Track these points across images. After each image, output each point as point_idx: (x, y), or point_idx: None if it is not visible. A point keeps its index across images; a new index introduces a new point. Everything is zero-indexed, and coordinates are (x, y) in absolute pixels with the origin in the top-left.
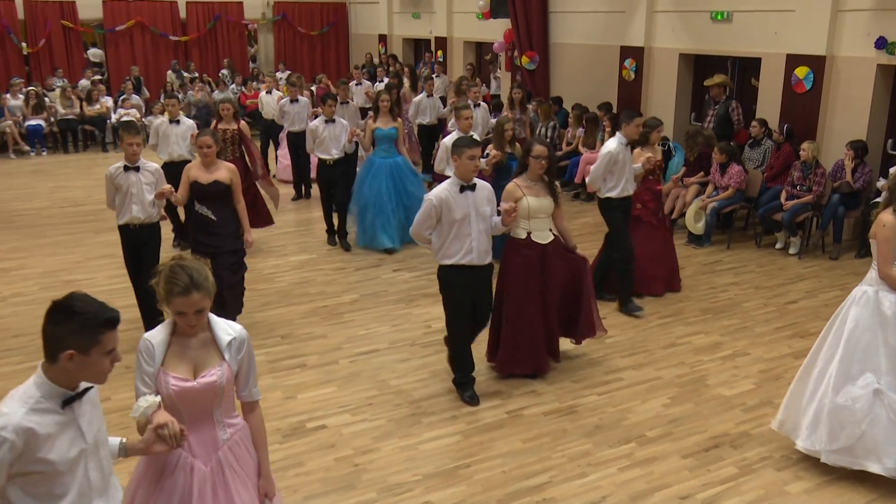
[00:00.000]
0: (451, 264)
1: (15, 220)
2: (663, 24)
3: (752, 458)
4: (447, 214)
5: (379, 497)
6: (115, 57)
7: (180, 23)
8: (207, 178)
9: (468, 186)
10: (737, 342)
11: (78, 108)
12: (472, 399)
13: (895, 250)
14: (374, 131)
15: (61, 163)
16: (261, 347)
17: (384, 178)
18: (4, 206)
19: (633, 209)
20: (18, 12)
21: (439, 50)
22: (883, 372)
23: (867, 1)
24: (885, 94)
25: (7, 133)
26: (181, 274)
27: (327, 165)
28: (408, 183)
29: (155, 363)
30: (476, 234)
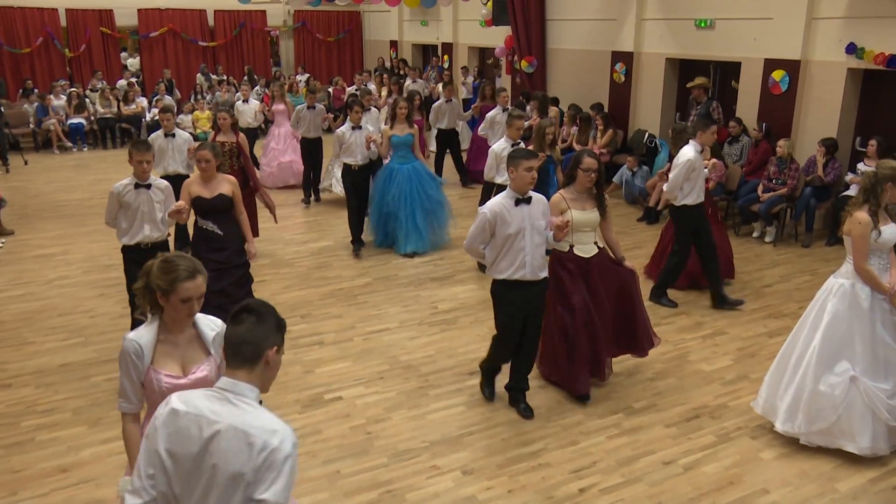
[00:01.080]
0: (504, 279)
1: (59, 210)
2: (651, 30)
3: (729, 428)
4: (501, 228)
5: (390, 462)
6: (148, 60)
7: (209, 29)
8: (210, 192)
9: (524, 199)
10: (716, 322)
11: (115, 107)
12: (490, 394)
13: (869, 246)
14: (390, 138)
15: (100, 158)
16: None
17: (405, 184)
18: (49, 197)
19: None
20: (61, 20)
21: (445, 55)
22: (858, 359)
23: (839, 10)
24: (854, 96)
25: (51, 130)
26: (180, 262)
27: (353, 171)
28: (427, 187)
29: (144, 363)
30: (530, 248)
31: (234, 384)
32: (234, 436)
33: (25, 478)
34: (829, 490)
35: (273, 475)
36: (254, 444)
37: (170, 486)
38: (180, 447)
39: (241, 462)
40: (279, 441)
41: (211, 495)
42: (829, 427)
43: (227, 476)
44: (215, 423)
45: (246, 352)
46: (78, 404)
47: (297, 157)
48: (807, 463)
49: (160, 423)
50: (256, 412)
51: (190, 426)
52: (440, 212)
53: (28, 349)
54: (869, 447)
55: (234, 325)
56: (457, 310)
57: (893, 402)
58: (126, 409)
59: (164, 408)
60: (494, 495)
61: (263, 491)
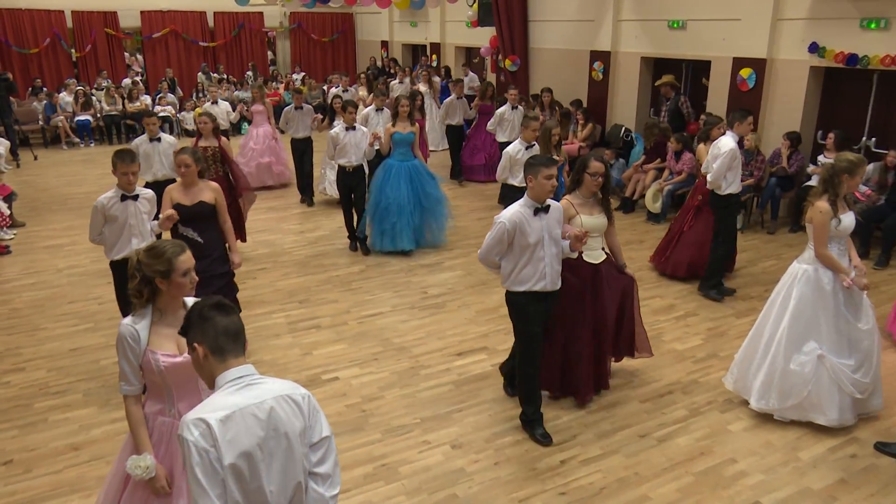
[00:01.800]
0: (524, 291)
1: (68, 203)
2: (627, 31)
3: (699, 402)
4: (520, 239)
5: (384, 437)
6: (151, 60)
7: (209, 30)
8: (191, 199)
9: (542, 208)
10: (688, 304)
11: (120, 105)
12: (545, 438)
13: (829, 233)
14: (392, 135)
15: (107, 153)
16: (282, 311)
17: (403, 182)
18: (59, 190)
19: (694, 200)
20: (67, 21)
21: (433, 54)
22: (824, 339)
23: (802, 11)
24: (816, 92)
25: (59, 127)
26: (164, 244)
27: (347, 172)
28: (426, 185)
29: (140, 346)
30: (549, 258)
31: (246, 368)
32: (283, 402)
33: (39, 456)
34: (793, 458)
35: (317, 414)
36: (297, 400)
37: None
38: (250, 443)
39: (300, 419)
40: (303, 390)
41: (291, 461)
42: (800, 402)
43: (296, 435)
44: (262, 402)
45: (242, 338)
46: (88, 386)
47: (275, 157)
48: (772, 434)
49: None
50: (272, 381)
51: (245, 420)
52: (438, 210)
53: (40, 335)
54: (837, 419)
55: (225, 315)
56: (445, 294)
57: (857, 376)
58: (127, 391)
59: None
60: (482, 467)
61: (320, 431)
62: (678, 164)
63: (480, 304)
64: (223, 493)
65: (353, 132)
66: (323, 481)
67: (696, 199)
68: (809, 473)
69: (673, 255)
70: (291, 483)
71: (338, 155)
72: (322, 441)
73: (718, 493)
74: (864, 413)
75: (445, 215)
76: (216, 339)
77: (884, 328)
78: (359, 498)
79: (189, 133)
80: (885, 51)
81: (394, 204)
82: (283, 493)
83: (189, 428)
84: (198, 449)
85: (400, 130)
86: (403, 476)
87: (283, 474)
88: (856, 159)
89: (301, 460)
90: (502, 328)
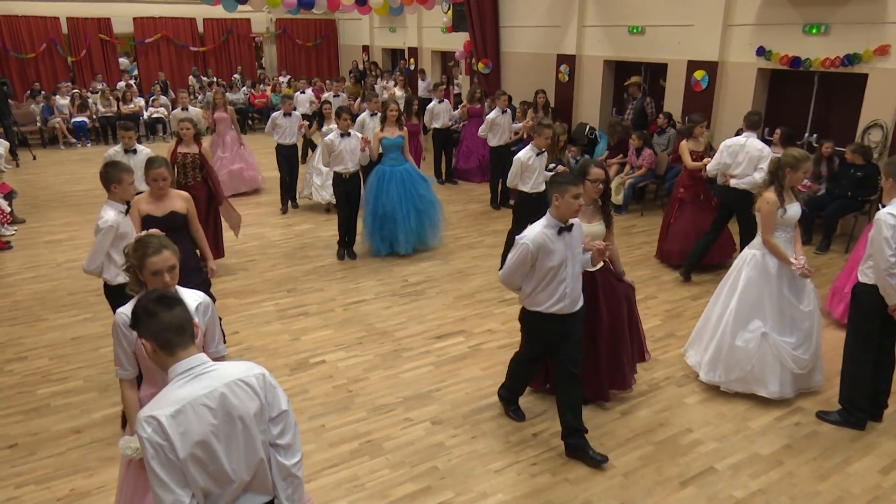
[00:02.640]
0: (539, 312)
1: (66, 200)
2: (591, 36)
3: (658, 378)
4: (543, 260)
5: (369, 415)
6: (144, 64)
7: (199, 36)
8: (161, 209)
9: (566, 227)
10: (648, 288)
11: (115, 106)
12: (516, 414)
13: (775, 222)
14: (381, 140)
15: (103, 152)
16: (271, 299)
17: (397, 186)
18: (58, 188)
19: (677, 192)
20: (63, 28)
21: (411, 58)
22: (768, 318)
23: (750, 17)
24: (763, 92)
25: (57, 128)
26: (150, 239)
27: (344, 179)
28: (419, 188)
29: (133, 333)
30: (571, 279)
31: (196, 359)
32: (235, 387)
33: (43, 439)
34: (743, 428)
35: (274, 390)
36: (250, 382)
37: (211, 474)
38: (203, 431)
39: (254, 400)
40: (259, 369)
41: (250, 441)
42: (744, 376)
43: (251, 417)
44: (212, 391)
45: (189, 330)
46: (89, 373)
47: (245, 163)
48: (724, 406)
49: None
50: (225, 367)
51: (196, 411)
52: (433, 212)
53: (42, 325)
54: (777, 391)
55: (168, 310)
56: (425, 282)
57: (798, 353)
58: (122, 375)
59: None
60: (460, 441)
61: (278, 406)
62: (638, 159)
63: (458, 291)
64: (183, 480)
65: (347, 138)
66: (285, 451)
67: (678, 192)
68: (758, 440)
69: (665, 245)
70: (253, 461)
71: (333, 162)
72: (281, 415)
73: (676, 460)
74: (807, 389)
75: (439, 217)
76: (160, 333)
77: (823, 308)
78: (346, 472)
79: None
80: (825, 54)
81: (390, 210)
82: (247, 470)
83: (142, 425)
84: (152, 444)
85: (388, 135)
86: (387, 451)
87: (243, 454)
88: (799, 155)
89: (259, 439)
90: (479, 312)
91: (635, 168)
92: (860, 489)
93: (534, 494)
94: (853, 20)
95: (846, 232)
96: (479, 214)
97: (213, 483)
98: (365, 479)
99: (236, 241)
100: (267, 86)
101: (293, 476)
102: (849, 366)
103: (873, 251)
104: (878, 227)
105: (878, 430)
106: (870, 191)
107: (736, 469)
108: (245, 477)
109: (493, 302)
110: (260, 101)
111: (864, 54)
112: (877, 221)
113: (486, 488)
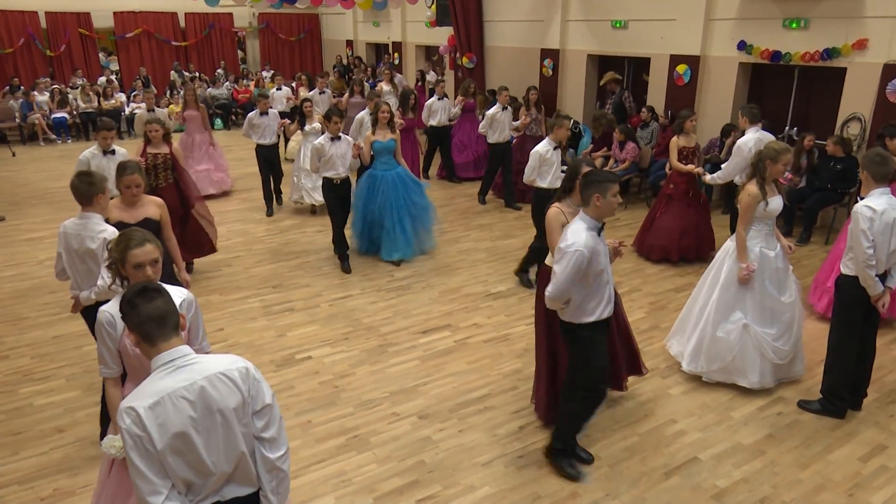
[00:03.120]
0: (593, 321)
1: (46, 197)
2: (574, 30)
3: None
4: (594, 265)
5: (355, 411)
6: (125, 59)
7: (180, 30)
8: (134, 216)
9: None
10: (632, 281)
11: (96, 102)
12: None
13: (753, 214)
14: (372, 143)
15: (83, 149)
16: (257, 295)
17: (390, 191)
18: (38, 185)
19: (667, 188)
20: (41, 22)
21: (395, 52)
22: (749, 310)
23: (732, 12)
24: (744, 86)
25: (36, 124)
26: (133, 233)
27: (335, 184)
28: (413, 193)
29: (117, 331)
30: (611, 280)
31: (176, 351)
32: (216, 381)
33: (25, 439)
34: (726, 418)
35: (258, 384)
36: (231, 377)
37: (190, 465)
38: (182, 423)
39: (236, 394)
40: (243, 362)
41: (230, 434)
42: (725, 366)
43: (232, 411)
44: (192, 384)
45: (170, 321)
46: (71, 371)
47: (213, 164)
48: (707, 396)
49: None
50: (207, 360)
51: (175, 403)
52: (425, 217)
53: (23, 324)
54: (758, 381)
55: (148, 302)
56: (410, 277)
57: (778, 344)
58: (106, 373)
59: (131, 417)
60: (447, 435)
61: (262, 399)
62: (622, 153)
63: (443, 286)
64: (162, 471)
65: (338, 142)
66: (270, 444)
67: (668, 188)
68: (741, 430)
69: (647, 239)
70: (234, 454)
71: (323, 167)
72: (265, 409)
73: (661, 450)
74: (787, 378)
75: (432, 221)
76: (141, 326)
77: (805, 300)
78: (333, 467)
79: None
80: (804, 48)
81: (380, 216)
82: (227, 462)
83: (122, 416)
84: (131, 435)
85: (380, 139)
86: (374, 445)
87: (223, 447)
88: (780, 147)
89: (240, 432)
90: (465, 307)
91: (619, 162)
92: (841, 476)
93: (521, 487)
94: (832, 14)
95: (826, 224)
96: (466, 209)
97: (194, 474)
98: (352, 475)
99: (221, 236)
100: (250, 81)
101: (278, 469)
102: (833, 356)
103: (853, 243)
104: (855, 220)
105: (857, 418)
106: (849, 183)
107: (719, 459)
108: (226, 469)
109: (479, 296)
110: (244, 96)
111: (842, 48)
112: (854, 214)
113: (473, 481)
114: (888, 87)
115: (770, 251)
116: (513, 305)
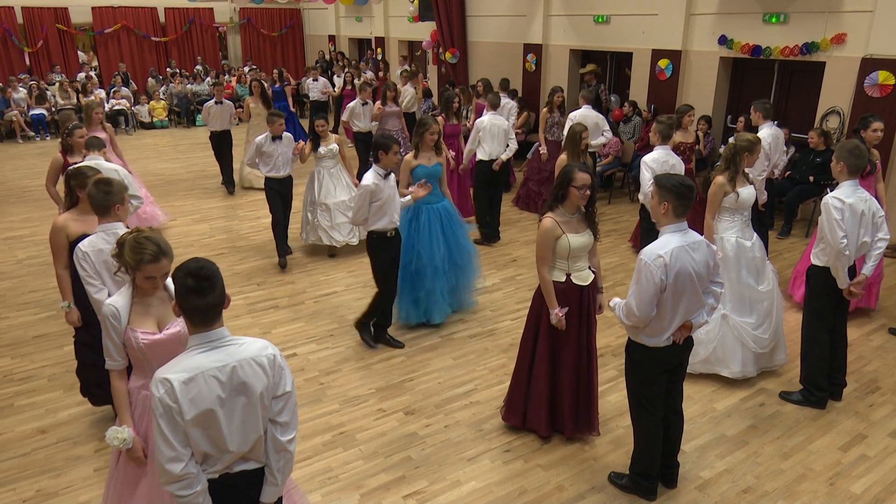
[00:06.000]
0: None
1: (25, 195)
2: (557, 25)
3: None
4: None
5: (341, 407)
6: (104, 55)
7: (160, 26)
8: (93, 227)
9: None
10: (616, 275)
11: (75, 98)
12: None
13: (719, 204)
14: (412, 170)
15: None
16: (241, 293)
17: (436, 232)
18: (16, 183)
19: None
20: (18, 17)
21: (378, 47)
22: (727, 300)
23: (713, 7)
24: (725, 80)
25: (14, 121)
26: (148, 244)
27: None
28: (459, 235)
29: (122, 324)
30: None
31: (216, 333)
32: (247, 365)
33: (7, 440)
34: (709, 409)
35: (282, 371)
36: (262, 363)
37: (211, 440)
38: (211, 401)
39: (262, 379)
40: (272, 349)
41: (252, 416)
42: (707, 357)
43: (257, 395)
44: (225, 365)
45: (215, 314)
46: (53, 371)
47: None
48: (691, 388)
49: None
50: (242, 343)
51: (207, 382)
52: (469, 267)
53: (2, 324)
54: (740, 371)
55: (201, 297)
56: None
57: (758, 332)
58: (112, 366)
59: (165, 387)
60: (433, 430)
61: (283, 386)
62: (605, 147)
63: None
64: (185, 439)
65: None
66: (282, 428)
67: None
68: (724, 422)
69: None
70: (252, 436)
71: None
72: (284, 395)
73: None
74: (770, 367)
75: (476, 272)
76: (189, 312)
77: (786, 291)
78: (319, 464)
79: (144, 125)
80: (784, 42)
81: (428, 264)
82: (244, 443)
83: (157, 385)
84: (163, 404)
85: (425, 163)
86: (361, 442)
87: (244, 428)
88: (754, 139)
89: (261, 415)
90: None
91: (602, 157)
92: (822, 466)
93: (507, 481)
94: (811, 9)
95: (806, 217)
96: None
97: (213, 448)
98: (338, 471)
99: (205, 234)
100: (232, 77)
101: (286, 450)
102: (807, 346)
103: (823, 235)
104: (826, 211)
105: (837, 408)
106: (829, 176)
107: (703, 450)
108: (243, 449)
109: None
110: (226, 91)
111: (821, 43)
112: (824, 206)
113: (459, 476)
114: (866, 81)
115: (746, 241)
116: (498, 300)
